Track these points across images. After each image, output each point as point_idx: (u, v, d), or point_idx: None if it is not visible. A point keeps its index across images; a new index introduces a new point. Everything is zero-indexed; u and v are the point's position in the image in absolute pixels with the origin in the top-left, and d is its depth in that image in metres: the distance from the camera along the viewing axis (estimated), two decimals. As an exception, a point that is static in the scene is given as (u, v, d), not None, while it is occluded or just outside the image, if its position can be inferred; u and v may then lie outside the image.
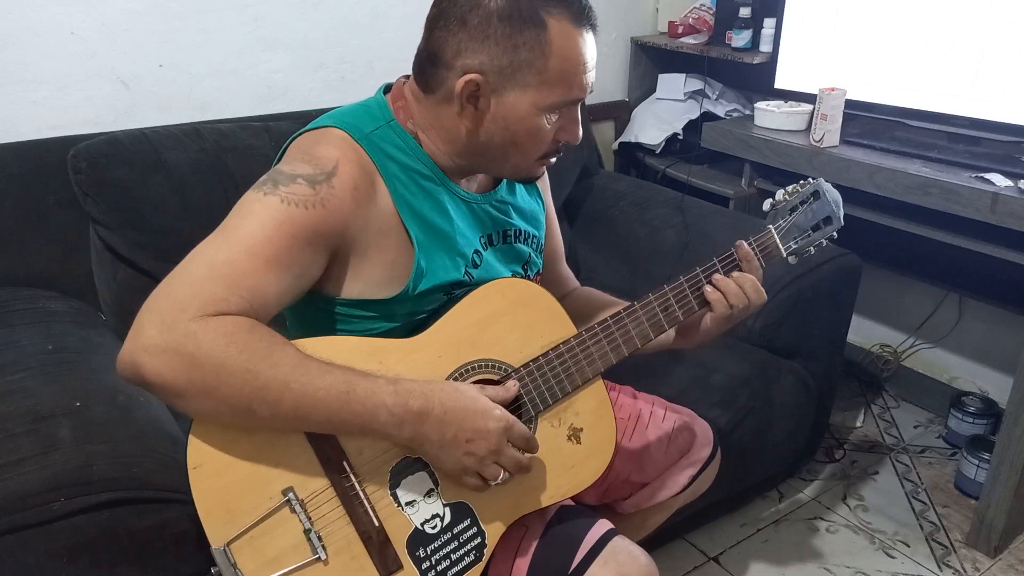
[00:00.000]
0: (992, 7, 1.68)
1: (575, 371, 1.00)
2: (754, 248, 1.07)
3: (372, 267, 0.95)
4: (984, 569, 1.72)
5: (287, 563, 0.88)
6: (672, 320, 1.04)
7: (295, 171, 0.90)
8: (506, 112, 0.94)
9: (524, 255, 1.12)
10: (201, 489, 0.86)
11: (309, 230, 0.88)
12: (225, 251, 0.85)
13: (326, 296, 0.96)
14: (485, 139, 0.96)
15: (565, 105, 0.96)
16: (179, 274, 0.85)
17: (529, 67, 0.91)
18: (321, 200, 0.88)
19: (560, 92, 0.94)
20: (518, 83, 0.92)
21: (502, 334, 0.99)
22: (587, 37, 0.94)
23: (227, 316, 0.82)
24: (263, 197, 0.88)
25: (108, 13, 1.60)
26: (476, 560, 0.95)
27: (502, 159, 0.99)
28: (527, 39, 0.90)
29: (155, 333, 0.80)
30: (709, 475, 1.33)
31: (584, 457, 1.01)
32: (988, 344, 2.17)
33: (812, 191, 1.10)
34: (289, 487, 0.88)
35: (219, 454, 0.86)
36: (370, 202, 0.93)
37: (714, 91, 2.36)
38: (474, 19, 0.90)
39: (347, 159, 0.92)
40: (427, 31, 0.96)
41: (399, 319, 0.99)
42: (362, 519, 0.91)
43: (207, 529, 0.86)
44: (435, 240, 0.99)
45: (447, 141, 0.99)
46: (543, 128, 0.96)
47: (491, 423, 0.89)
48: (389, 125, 0.98)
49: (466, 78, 0.91)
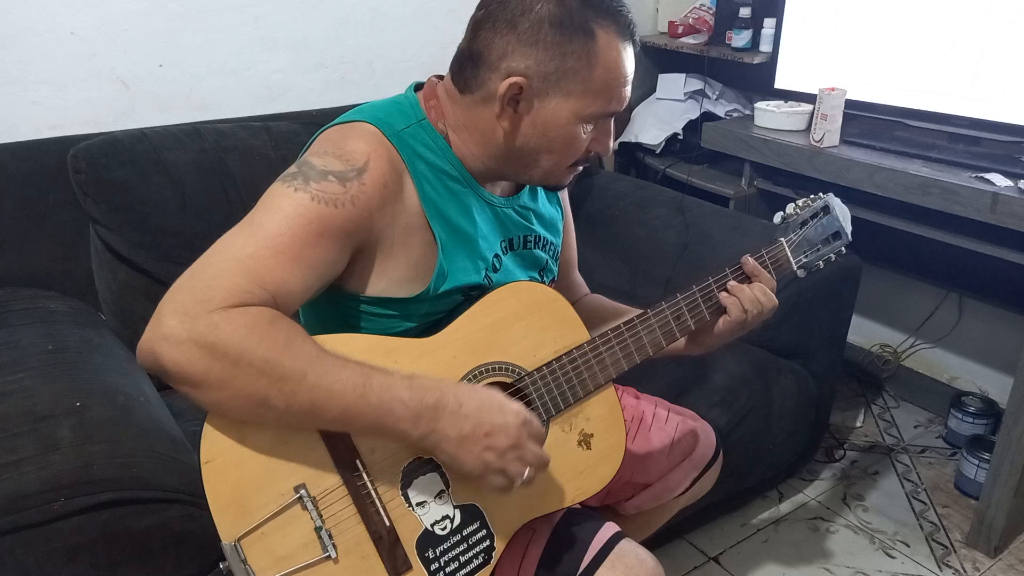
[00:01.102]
0: (992, 7, 1.68)
1: (587, 377, 1.00)
2: (766, 260, 1.09)
3: (396, 265, 0.95)
4: (984, 569, 1.72)
5: (297, 561, 0.88)
6: (684, 329, 1.05)
7: (326, 166, 0.90)
8: (546, 118, 0.94)
9: (541, 261, 1.12)
10: (213, 484, 0.86)
11: (337, 228, 0.88)
12: (253, 245, 0.84)
13: (348, 293, 0.96)
14: (520, 143, 0.96)
15: (603, 116, 0.97)
16: (203, 265, 0.84)
17: (575, 75, 0.92)
18: (351, 198, 0.88)
19: (601, 103, 0.95)
20: (561, 90, 0.93)
21: (516, 337, 0.99)
22: (630, 51, 0.95)
23: (250, 307, 0.81)
24: (293, 193, 0.87)
25: (108, 13, 1.60)
26: (484, 563, 0.95)
27: (533, 164, 0.99)
28: (576, 48, 0.91)
29: (176, 323, 0.79)
30: (711, 477, 1.34)
31: (594, 463, 1.02)
32: (988, 344, 2.17)
33: (822, 206, 1.12)
34: (301, 484, 0.88)
35: (232, 450, 0.86)
36: (398, 200, 0.93)
37: (714, 91, 2.36)
38: (524, 23, 0.90)
39: (378, 155, 0.92)
40: (471, 31, 0.95)
41: (416, 319, 0.99)
42: (373, 519, 0.90)
43: (218, 524, 0.85)
44: (458, 242, 0.99)
45: (480, 143, 0.98)
46: (579, 137, 0.96)
47: (509, 416, 0.88)
48: (420, 124, 0.98)
49: (510, 80, 0.91)
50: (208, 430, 0.86)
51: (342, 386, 0.83)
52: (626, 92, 0.97)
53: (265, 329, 0.81)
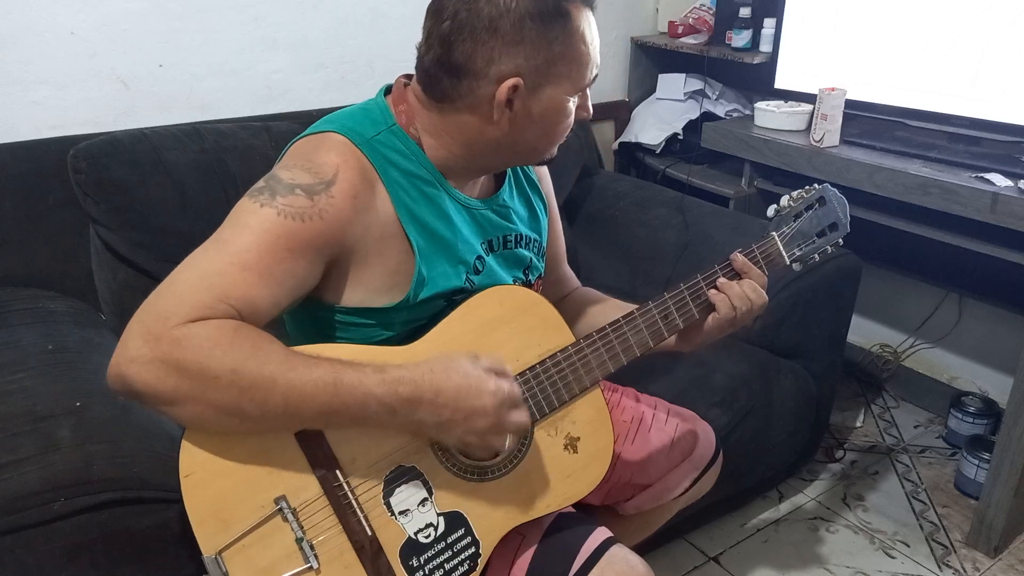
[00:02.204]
0: (992, 7, 1.68)
1: (573, 380, 0.99)
2: (757, 255, 1.07)
3: (372, 275, 0.95)
4: (984, 569, 1.72)
5: (279, 572, 0.87)
6: (672, 328, 1.04)
7: (294, 180, 0.88)
8: (543, 108, 0.95)
9: (525, 260, 1.11)
10: (193, 497, 0.85)
11: (305, 243, 0.87)
12: (219, 262, 0.84)
13: (325, 304, 0.96)
14: (515, 137, 0.97)
15: (589, 84, 0.99)
16: (168, 285, 0.84)
17: (562, 59, 0.93)
18: (319, 212, 0.87)
19: (587, 73, 0.97)
20: (554, 76, 0.94)
21: (500, 342, 0.98)
22: (591, 15, 0.97)
23: (211, 320, 0.81)
24: (259, 208, 0.86)
25: (108, 13, 1.60)
26: (470, 570, 0.95)
27: (528, 152, 1.01)
28: (557, 32, 0.92)
29: (140, 343, 0.79)
30: (711, 477, 1.33)
31: (581, 467, 1.01)
32: (988, 344, 2.17)
33: (818, 196, 1.10)
34: (282, 495, 0.88)
35: (211, 462, 0.85)
36: (370, 209, 0.92)
37: (714, 91, 2.36)
38: (505, 24, 0.90)
39: (348, 166, 0.91)
40: (443, 45, 0.92)
41: (397, 327, 0.98)
42: (355, 528, 0.90)
43: (199, 537, 0.85)
44: (436, 247, 0.98)
45: (463, 145, 0.97)
46: (571, 112, 0.99)
47: (487, 399, 0.87)
48: (391, 130, 0.97)
49: (508, 83, 0.91)
50: (187, 443, 0.85)
51: (313, 387, 0.82)
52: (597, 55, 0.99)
53: (230, 339, 0.80)
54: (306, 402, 0.83)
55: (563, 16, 0.92)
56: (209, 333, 0.80)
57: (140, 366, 0.79)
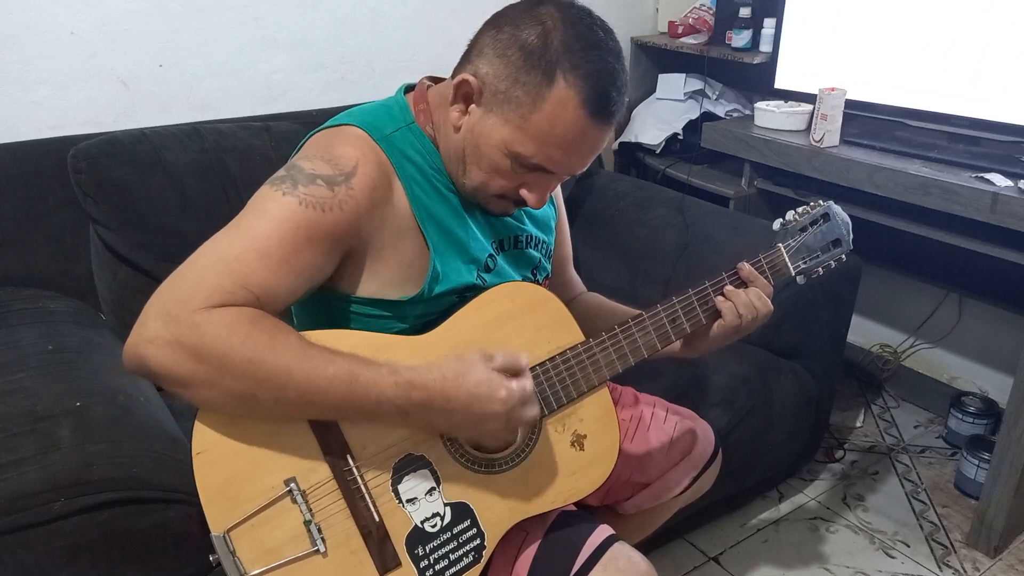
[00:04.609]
0: (992, 7, 1.68)
1: (581, 378, 1.00)
2: (763, 265, 1.09)
3: (387, 267, 0.96)
4: (984, 569, 1.72)
5: (286, 554, 0.88)
6: (679, 332, 1.05)
7: (315, 170, 0.90)
8: (482, 131, 0.93)
9: (534, 260, 1.12)
10: (204, 475, 0.86)
11: (324, 233, 0.88)
12: (238, 248, 0.85)
13: (340, 294, 0.97)
14: (457, 143, 0.96)
15: (532, 166, 0.93)
16: (188, 267, 0.85)
17: (517, 106, 0.90)
18: (339, 202, 0.89)
19: (532, 149, 0.91)
20: (502, 113, 0.91)
21: (510, 337, 0.98)
22: (591, 124, 0.90)
23: (231, 307, 0.82)
24: (281, 197, 0.87)
25: (108, 13, 1.60)
26: (475, 561, 0.95)
27: (464, 174, 0.97)
28: (529, 81, 0.89)
29: (159, 325, 0.80)
30: (710, 476, 1.34)
31: (586, 464, 1.01)
32: (988, 344, 2.17)
33: (822, 212, 1.12)
34: (291, 477, 0.89)
35: (223, 442, 0.86)
36: (387, 203, 0.94)
37: (714, 91, 2.36)
38: (505, 34, 0.91)
39: (366, 159, 0.92)
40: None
41: (410, 320, 0.99)
42: (363, 513, 0.91)
43: (208, 515, 0.86)
44: (450, 244, 0.99)
45: (442, 138, 0.98)
46: (505, 169, 0.94)
47: (497, 406, 0.88)
48: (409, 128, 0.98)
49: (466, 76, 0.92)
50: (200, 421, 0.86)
51: (329, 383, 0.84)
52: (567, 159, 0.93)
53: (247, 329, 0.81)
54: (320, 396, 0.84)
55: (546, 76, 0.88)
56: (228, 320, 0.81)
57: (157, 347, 0.80)
